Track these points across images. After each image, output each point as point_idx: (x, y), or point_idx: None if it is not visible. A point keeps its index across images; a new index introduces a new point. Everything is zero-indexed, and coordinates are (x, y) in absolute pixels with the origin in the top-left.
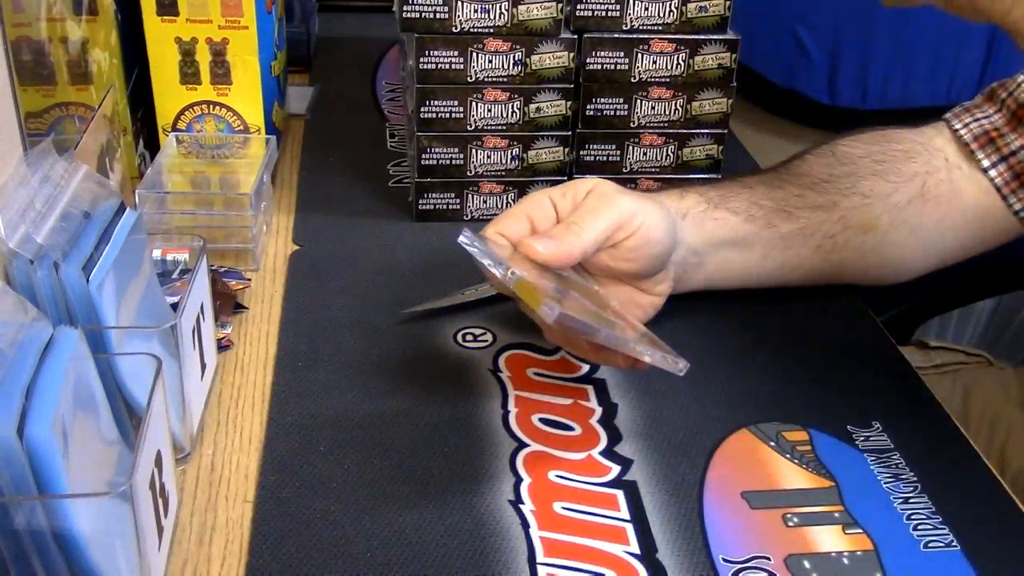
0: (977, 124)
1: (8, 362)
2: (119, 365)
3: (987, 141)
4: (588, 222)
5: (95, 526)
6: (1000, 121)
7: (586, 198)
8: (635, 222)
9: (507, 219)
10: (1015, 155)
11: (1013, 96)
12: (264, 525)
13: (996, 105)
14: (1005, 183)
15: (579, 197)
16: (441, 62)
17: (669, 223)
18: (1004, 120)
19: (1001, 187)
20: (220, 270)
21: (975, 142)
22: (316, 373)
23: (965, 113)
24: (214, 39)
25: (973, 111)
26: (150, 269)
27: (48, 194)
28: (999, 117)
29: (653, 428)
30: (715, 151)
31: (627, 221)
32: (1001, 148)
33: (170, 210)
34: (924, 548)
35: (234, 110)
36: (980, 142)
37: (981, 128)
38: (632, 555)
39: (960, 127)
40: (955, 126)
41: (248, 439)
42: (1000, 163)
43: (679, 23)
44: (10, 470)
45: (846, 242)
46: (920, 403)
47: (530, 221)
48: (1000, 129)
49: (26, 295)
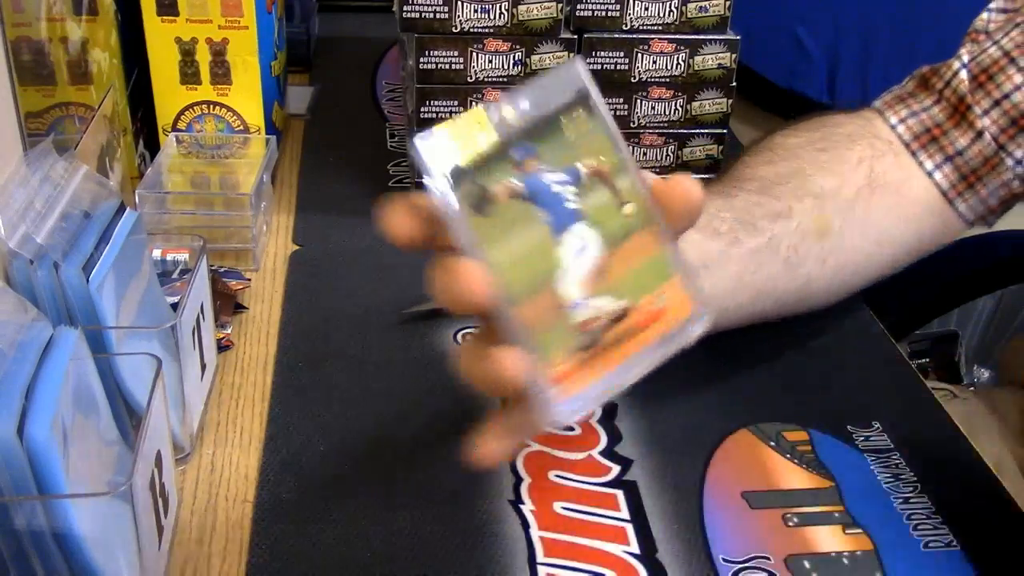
0: (916, 119)
1: (8, 362)
2: (119, 365)
3: (929, 140)
4: None
5: (95, 526)
6: (941, 116)
7: None
8: None
9: None
10: (961, 155)
11: (951, 87)
12: (264, 525)
13: (933, 96)
14: (952, 186)
15: None
16: (441, 62)
17: None
18: (945, 115)
19: (947, 191)
20: (220, 270)
21: (915, 141)
22: (316, 373)
23: (899, 104)
24: (214, 39)
25: (908, 102)
26: (150, 269)
27: (48, 194)
28: (938, 110)
29: (653, 428)
30: (715, 151)
31: None
32: (945, 147)
33: (170, 210)
34: (924, 548)
35: (234, 110)
36: (921, 141)
37: (921, 125)
38: (632, 555)
39: (896, 122)
40: (891, 120)
41: (248, 439)
42: (945, 163)
43: (679, 23)
44: (10, 470)
45: (807, 252)
46: (920, 403)
47: None
48: (942, 125)
49: (26, 295)
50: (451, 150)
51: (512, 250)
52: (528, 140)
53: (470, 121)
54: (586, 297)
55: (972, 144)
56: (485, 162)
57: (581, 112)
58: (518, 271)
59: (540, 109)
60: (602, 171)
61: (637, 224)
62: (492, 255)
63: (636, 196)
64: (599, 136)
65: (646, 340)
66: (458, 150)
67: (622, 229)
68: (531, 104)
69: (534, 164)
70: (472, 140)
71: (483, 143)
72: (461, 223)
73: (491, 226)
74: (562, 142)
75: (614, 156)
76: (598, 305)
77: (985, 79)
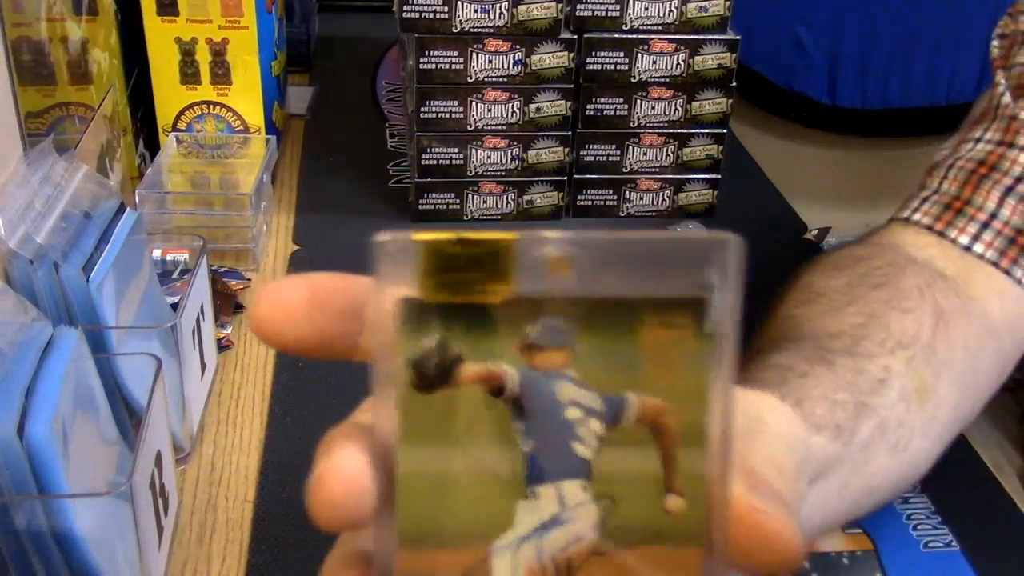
0: (931, 202)
1: (8, 362)
2: (119, 365)
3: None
4: None
5: (95, 526)
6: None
7: None
8: None
9: None
10: (995, 218)
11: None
12: (264, 525)
13: (938, 175)
14: (1001, 254)
15: None
16: (441, 62)
17: None
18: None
19: (998, 261)
20: (220, 270)
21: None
22: (316, 373)
23: (914, 202)
24: (214, 39)
25: (920, 195)
26: (150, 269)
27: (48, 194)
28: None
29: None
30: (715, 151)
31: None
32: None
33: (170, 210)
34: (924, 548)
35: (234, 110)
36: (945, 220)
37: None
38: None
39: (916, 215)
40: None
41: (248, 439)
42: (983, 231)
43: (679, 23)
44: (10, 470)
45: (911, 427)
46: None
47: None
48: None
49: (26, 295)
50: (427, 273)
51: (443, 464)
52: (569, 319)
53: (488, 243)
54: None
55: None
56: (474, 316)
57: (687, 320)
58: (435, 498)
59: (620, 282)
60: (663, 425)
61: (676, 533)
62: (408, 456)
63: (696, 493)
64: (694, 372)
65: None
66: (437, 279)
67: (648, 528)
68: (610, 263)
69: (557, 358)
70: (473, 276)
71: (488, 287)
72: (386, 392)
73: (429, 412)
74: (624, 348)
75: (697, 414)
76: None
77: None
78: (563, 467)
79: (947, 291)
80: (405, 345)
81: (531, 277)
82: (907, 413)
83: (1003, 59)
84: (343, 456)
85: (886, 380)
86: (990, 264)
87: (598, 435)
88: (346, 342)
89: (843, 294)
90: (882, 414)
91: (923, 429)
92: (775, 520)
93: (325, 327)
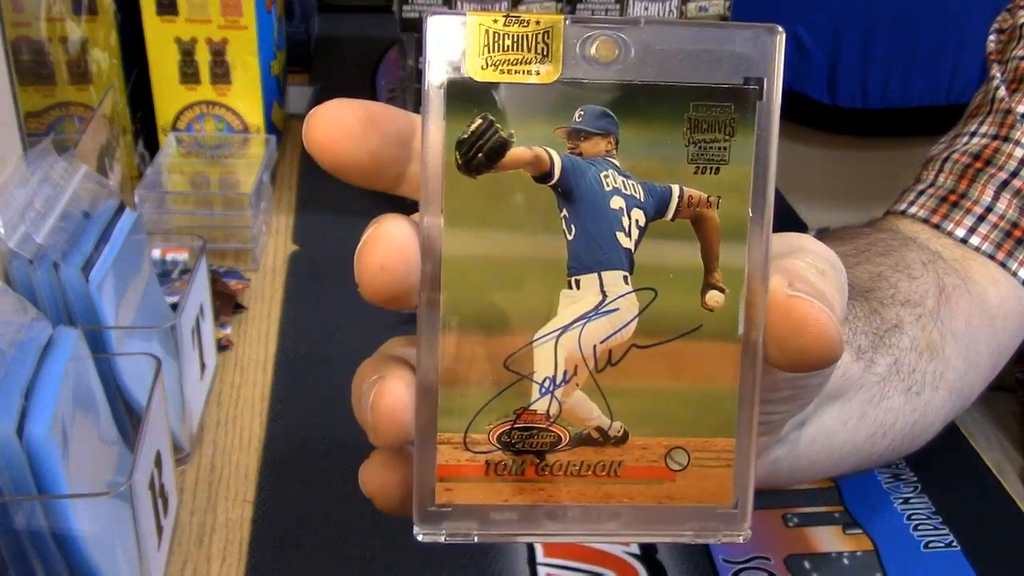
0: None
1: (8, 362)
2: (119, 365)
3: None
4: None
5: (95, 526)
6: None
7: None
8: None
9: None
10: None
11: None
12: (264, 525)
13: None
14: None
15: None
16: None
17: None
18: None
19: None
20: (220, 270)
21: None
22: (316, 373)
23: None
24: (214, 39)
25: (916, 188)
26: (150, 269)
27: (48, 194)
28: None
29: None
30: None
31: None
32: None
33: (170, 210)
34: (924, 548)
35: (234, 110)
36: (941, 213)
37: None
38: (632, 555)
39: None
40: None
41: (248, 439)
42: (978, 224)
43: None
44: (10, 470)
45: (924, 375)
46: None
47: None
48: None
49: (26, 295)
50: (475, 51)
51: (487, 248)
52: (615, 106)
53: (534, 25)
54: (563, 385)
55: None
56: (520, 99)
57: (735, 112)
58: (479, 283)
59: (668, 69)
60: (707, 218)
61: (715, 328)
62: (454, 239)
63: (736, 289)
64: (740, 164)
65: (615, 497)
66: (485, 57)
67: (687, 322)
68: (657, 49)
69: (602, 146)
70: (521, 55)
71: (535, 67)
72: (433, 168)
73: (474, 196)
74: (671, 140)
75: (742, 206)
76: (574, 406)
77: None
78: (606, 257)
79: (948, 270)
80: (452, 126)
81: (578, 61)
82: (919, 361)
83: (999, 53)
84: (392, 225)
85: (899, 326)
86: (986, 256)
87: (640, 226)
88: (396, 169)
89: (851, 257)
90: (896, 355)
91: (933, 383)
92: (812, 306)
93: (378, 150)
